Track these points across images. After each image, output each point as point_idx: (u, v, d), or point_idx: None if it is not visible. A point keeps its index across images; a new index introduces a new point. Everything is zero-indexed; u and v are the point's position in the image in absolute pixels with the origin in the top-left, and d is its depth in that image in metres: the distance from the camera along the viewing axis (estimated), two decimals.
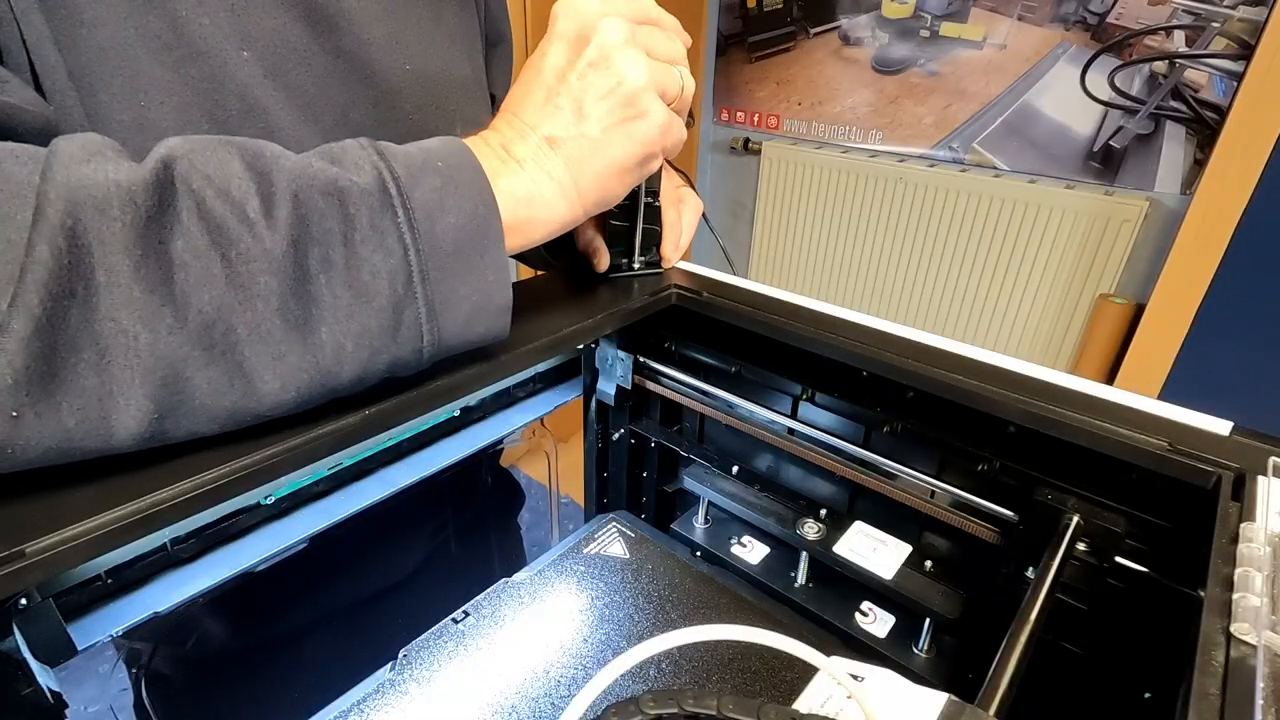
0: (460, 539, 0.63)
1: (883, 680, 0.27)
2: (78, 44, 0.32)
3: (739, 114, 2.30)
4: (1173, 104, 1.53)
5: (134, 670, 0.53)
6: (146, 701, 0.53)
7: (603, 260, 0.47)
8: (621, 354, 0.50)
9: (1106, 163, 1.65)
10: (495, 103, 0.57)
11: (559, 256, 0.53)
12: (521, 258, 0.62)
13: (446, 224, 0.30)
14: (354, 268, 0.28)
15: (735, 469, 0.50)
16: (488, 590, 0.41)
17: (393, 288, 0.29)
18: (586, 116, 0.35)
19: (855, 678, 0.27)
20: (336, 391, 0.29)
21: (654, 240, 0.49)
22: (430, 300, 0.30)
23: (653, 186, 0.46)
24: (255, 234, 0.26)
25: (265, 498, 0.35)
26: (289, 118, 0.39)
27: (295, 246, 0.26)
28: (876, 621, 0.43)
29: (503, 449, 0.68)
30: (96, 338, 0.23)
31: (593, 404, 0.54)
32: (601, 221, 0.47)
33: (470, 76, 0.50)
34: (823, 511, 0.46)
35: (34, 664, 0.27)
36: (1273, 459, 0.30)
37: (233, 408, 0.26)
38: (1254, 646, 0.22)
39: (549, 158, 0.35)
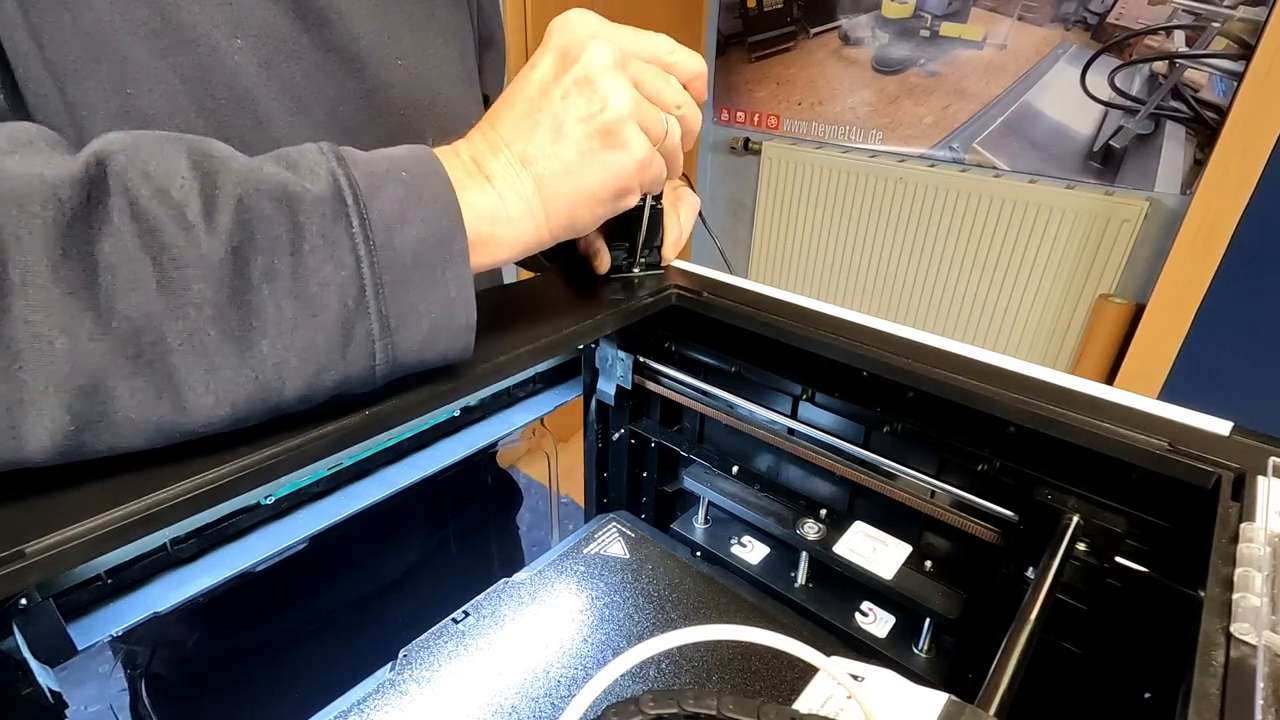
0: (460, 539, 0.63)
1: (883, 680, 0.27)
2: (61, 30, 0.32)
3: (739, 114, 2.30)
4: (1173, 104, 1.53)
5: (130, 672, 0.53)
6: (146, 702, 0.53)
7: (603, 262, 0.47)
8: (621, 354, 0.50)
9: (1106, 163, 1.65)
10: (488, 104, 0.57)
11: (554, 258, 0.53)
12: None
13: (406, 236, 0.28)
14: (301, 279, 0.26)
15: (735, 469, 0.50)
16: (488, 590, 0.41)
17: (343, 301, 0.27)
18: (564, 138, 0.33)
19: (855, 678, 0.27)
20: (280, 409, 0.27)
21: (654, 241, 0.49)
22: (384, 315, 0.28)
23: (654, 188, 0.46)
24: (191, 238, 0.24)
25: (265, 498, 0.35)
26: (279, 109, 0.39)
27: (236, 254, 0.25)
28: (876, 621, 0.43)
29: (497, 449, 0.68)
30: (7, 341, 0.21)
31: (593, 404, 0.54)
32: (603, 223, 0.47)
33: (463, 74, 0.50)
34: (823, 511, 0.46)
35: (34, 664, 0.27)
36: (1273, 459, 0.30)
37: (160, 422, 0.25)
38: (1254, 646, 0.22)
39: (519, 176, 0.33)
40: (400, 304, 0.29)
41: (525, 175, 0.33)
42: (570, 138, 0.33)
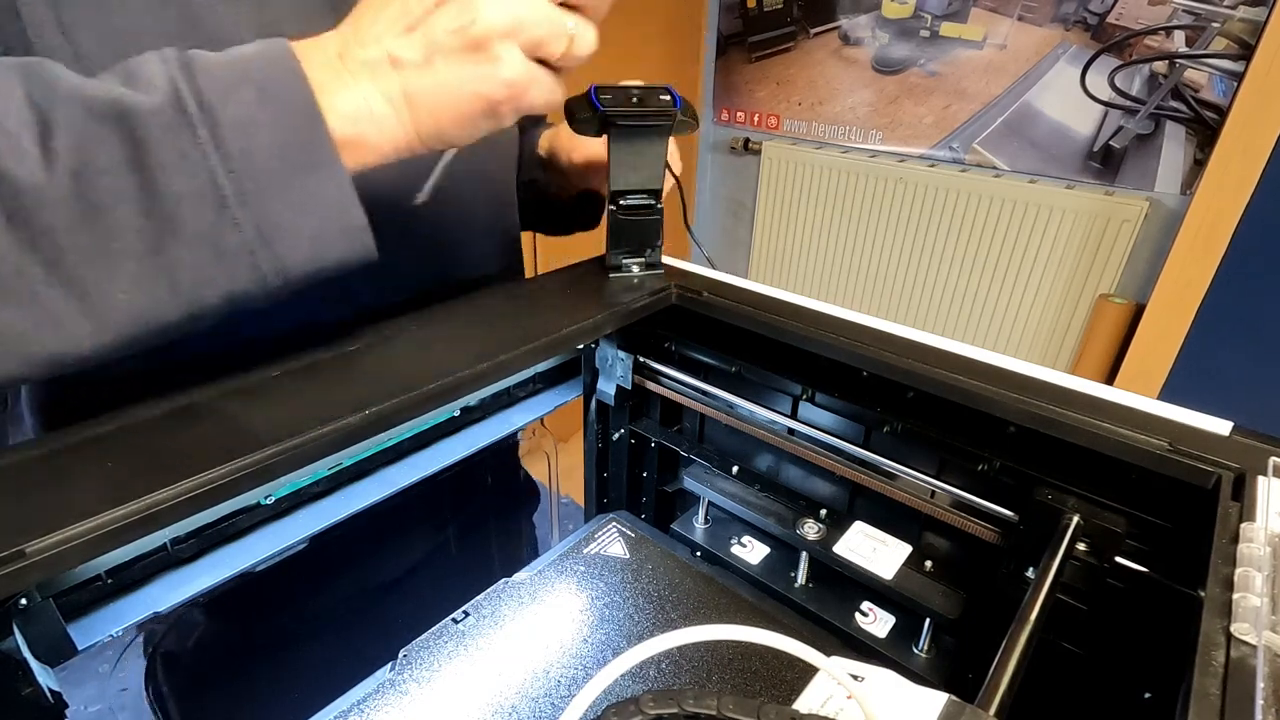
0: (462, 539, 0.63)
1: (883, 680, 0.27)
2: (92, 29, 0.32)
3: (739, 114, 2.30)
4: (1173, 104, 1.53)
5: (150, 651, 0.53)
6: (146, 700, 0.53)
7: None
8: (621, 354, 0.50)
9: (1106, 163, 1.65)
10: None
11: (570, 228, 0.53)
12: (531, 226, 0.62)
13: (262, 142, 0.28)
14: (153, 195, 0.26)
15: (735, 469, 0.50)
16: (488, 590, 0.41)
17: (201, 214, 0.26)
18: (433, 47, 0.31)
19: (855, 678, 0.27)
20: (170, 329, 0.27)
21: (656, 241, 0.49)
22: (258, 224, 0.28)
23: (653, 186, 0.46)
24: (28, 168, 0.24)
25: (265, 498, 0.35)
26: None
27: (77, 178, 0.25)
28: (876, 621, 0.43)
29: (519, 443, 0.67)
30: None
31: (593, 404, 0.54)
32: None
33: None
34: (823, 511, 0.46)
35: (34, 664, 0.27)
36: (1273, 459, 0.30)
37: (49, 353, 0.25)
38: (1254, 646, 0.22)
39: (388, 76, 0.31)
40: (270, 211, 0.28)
41: (394, 77, 0.31)
42: (439, 48, 0.31)
